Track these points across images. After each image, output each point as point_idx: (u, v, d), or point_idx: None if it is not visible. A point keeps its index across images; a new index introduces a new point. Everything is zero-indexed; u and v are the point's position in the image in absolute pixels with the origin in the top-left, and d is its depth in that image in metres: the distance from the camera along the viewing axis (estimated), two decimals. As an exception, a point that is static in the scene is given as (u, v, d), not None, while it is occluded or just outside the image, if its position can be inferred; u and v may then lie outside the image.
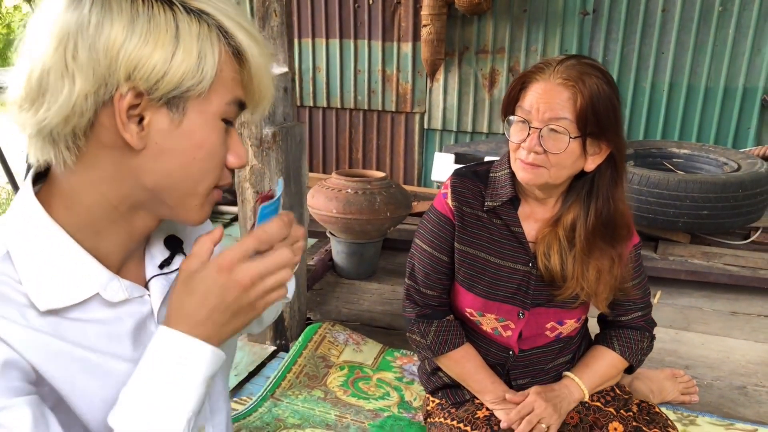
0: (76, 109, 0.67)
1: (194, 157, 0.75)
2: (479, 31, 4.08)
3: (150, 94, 0.69)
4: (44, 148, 0.71)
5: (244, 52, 0.74)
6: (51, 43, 0.67)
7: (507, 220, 1.49)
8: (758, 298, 2.99)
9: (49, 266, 0.74)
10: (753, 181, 2.92)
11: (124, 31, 0.66)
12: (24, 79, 0.69)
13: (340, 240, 3.08)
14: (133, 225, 0.79)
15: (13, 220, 0.76)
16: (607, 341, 1.60)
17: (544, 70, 1.33)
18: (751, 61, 3.67)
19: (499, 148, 3.84)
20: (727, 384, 2.29)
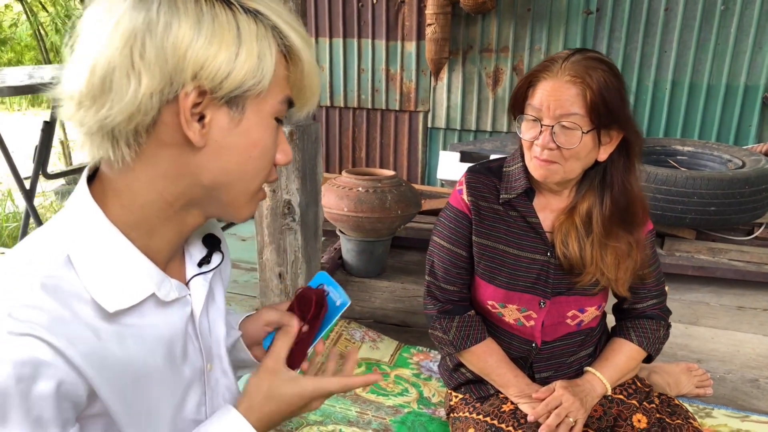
0: (141, 107, 0.68)
1: (250, 155, 0.77)
2: (483, 30, 4.09)
3: (213, 93, 0.70)
4: (103, 145, 0.72)
5: (297, 51, 0.76)
6: (117, 41, 0.67)
7: (523, 211, 1.51)
8: (763, 292, 3.02)
9: (108, 268, 0.74)
10: (759, 177, 2.94)
11: (191, 31, 0.67)
12: (85, 76, 0.69)
13: (350, 238, 3.08)
14: (184, 223, 0.81)
15: (71, 221, 0.76)
16: (624, 333, 1.62)
17: (551, 67, 1.35)
18: (753, 59, 3.70)
19: (504, 146, 3.85)
20: (739, 377, 2.31)
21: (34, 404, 0.66)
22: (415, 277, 3.14)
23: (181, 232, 0.82)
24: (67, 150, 6.20)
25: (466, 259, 1.59)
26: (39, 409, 0.66)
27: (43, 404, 0.66)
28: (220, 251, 0.92)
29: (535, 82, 1.37)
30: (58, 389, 0.67)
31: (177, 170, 0.75)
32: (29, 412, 0.66)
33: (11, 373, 0.64)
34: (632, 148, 1.42)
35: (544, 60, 1.39)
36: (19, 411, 0.66)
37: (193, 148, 0.73)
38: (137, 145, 0.72)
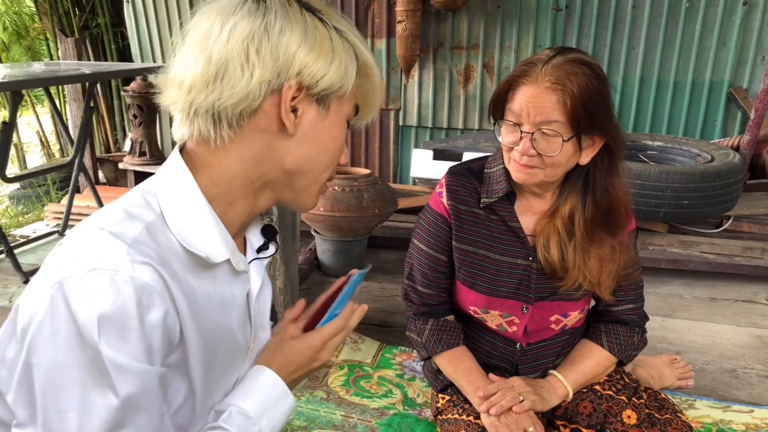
0: (251, 94, 0.80)
1: (328, 147, 0.91)
2: (454, 27, 4.07)
3: (310, 89, 0.84)
4: (206, 125, 0.83)
5: (369, 68, 0.91)
6: (236, 39, 0.80)
7: (504, 215, 1.48)
8: (733, 284, 3.08)
9: (195, 229, 0.85)
10: (729, 171, 2.99)
11: (300, 37, 0.82)
12: (201, 65, 0.81)
13: (326, 238, 3.02)
14: (257, 202, 0.92)
15: (166, 184, 0.86)
16: (596, 336, 1.59)
17: (531, 72, 1.31)
18: (717, 55, 3.76)
19: (477, 143, 3.85)
20: (717, 368, 2.34)
21: (148, 331, 0.75)
22: (392, 276, 3.10)
23: (252, 211, 0.92)
24: (22, 153, 5.97)
25: (445, 264, 1.56)
26: (151, 337, 0.75)
27: (154, 333, 0.76)
28: (276, 242, 1.03)
29: (515, 86, 1.34)
30: (164, 320, 0.76)
31: (266, 153, 0.86)
32: (144, 338, 0.74)
33: (133, 296, 0.73)
34: (615, 151, 1.39)
35: (523, 62, 1.35)
36: (137, 334, 0.74)
37: (283, 135, 0.86)
38: (238, 127, 0.83)
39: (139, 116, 4.23)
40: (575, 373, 1.55)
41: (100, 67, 3.52)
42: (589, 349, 1.58)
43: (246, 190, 0.89)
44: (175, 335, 0.80)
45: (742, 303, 2.91)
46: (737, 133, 3.82)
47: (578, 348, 1.61)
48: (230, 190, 0.88)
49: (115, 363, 0.73)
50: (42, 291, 0.75)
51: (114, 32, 5.04)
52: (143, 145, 4.32)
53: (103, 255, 0.75)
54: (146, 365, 0.76)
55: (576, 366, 1.56)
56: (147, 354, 0.76)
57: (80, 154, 3.50)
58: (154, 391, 0.78)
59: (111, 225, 0.80)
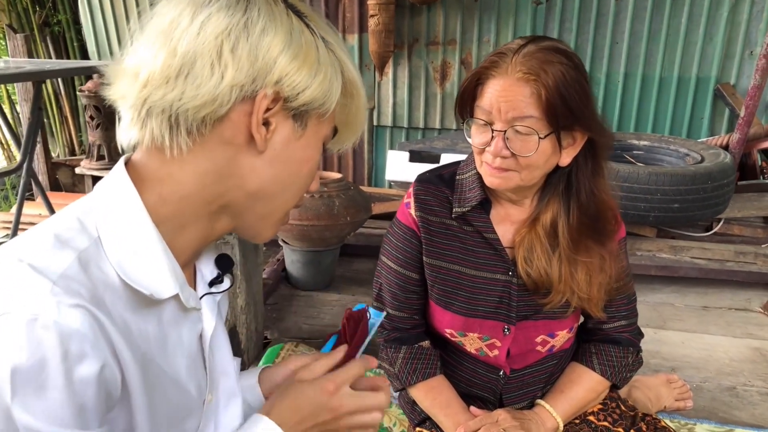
0: (218, 99, 0.71)
1: (300, 171, 0.82)
2: (429, 22, 3.93)
3: (288, 102, 0.76)
4: (161, 129, 0.73)
5: (354, 86, 0.83)
6: (209, 32, 0.71)
7: (479, 226, 1.36)
8: (726, 290, 3.00)
9: (137, 258, 0.74)
10: (720, 171, 2.92)
11: (283, 41, 0.73)
12: (162, 57, 0.71)
13: (294, 248, 2.85)
14: (213, 227, 0.82)
15: (105, 203, 0.76)
16: (586, 359, 1.47)
17: (500, 63, 1.20)
18: (704, 50, 3.70)
19: (455, 144, 3.73)
20: (716, 385, 2.25)
21: (78, 389, 0.64)
22: (367, 287, 2.97)
23: (206, 237, 0.82)
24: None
25: (417, 282, 1.44)
26: (82, 395, 0.65)
27: (86, 391, 0.65)
28: (232, 274, 0.93)
29: (483, 80, 1.23)
30: (101, 374, 0.66)
31: (228, 169, 0.77)
32: (72, 397, 0.64)
33: (57, 346, 0.63)
34: (599, 150, 1.28)
35: (493, 53, 1.24)
36: (62, 393, 0.63)
37: (250, 151, 0.77)
38: (198, 135, 0.74)
39: (96, 117, 4.07)
40: (565, 401, 1.43)
41: (46, 65, 3.29)
42: (579, 373, 1.46)
43: (201, 212, 0.79)
44: (116, 388, 0.70)
45: (736, 311, 2.83)
46: (725, 131, 3.78)
47: (567, 373, 1.49)
48: (182, 210, 0.78)
49: (31, 430, 0.62)
50: None
51: (76, 29, 4.86)
52: (101, 148, 4.15)
53: (19, 295, 0.64)
54: (75, 430, 0.65)
55: (565, 394, 1.44)
56: (77, 416, 0.65)
57: (29, 158, 3.28)
58: None
59: (34, 256, 0.68)
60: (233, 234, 2.07)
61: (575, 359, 1.49)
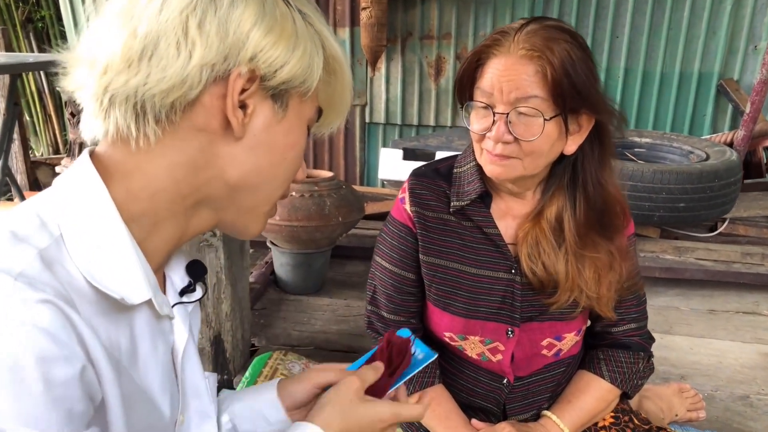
0: (187, 80, 0.67)
1: (284, 158, 0.77)
2: (423, 15, 3.95)
3: (265, 80, 0.70)
4: (125, 118, 0.68)
5: (338, 61, 0.78)
6: (172, 8, 0.66)
7: (479, 220, 1.31)
8: (732, 293, 2.91)
9: (106, 259, 0.68)
10: (728, 170, 2.86)
11: (255, 13, 0.68)
12: (122, 39, 0.66)
13: (284, 251, 2.75)
14: (189, 224, 0.77)
15: (68, 198, 0.70)
16: (594, 366, 1.40)
17: (502, 41, 1.16)
18: (706, 45, 3.70)
19: (450, 141, 3.68)
20: (728, 394, 2.16)
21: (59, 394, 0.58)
22: (359, 291, 2.88)
23: (181, 236, 0.77)
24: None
25: (414, 283, 1.40)
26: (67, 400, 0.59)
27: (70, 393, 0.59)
28: (204, 283, 0.88)
29: (484, 60, 1.18)
30: (82, 376, 0.61)
31: (204, 159, 0.72)
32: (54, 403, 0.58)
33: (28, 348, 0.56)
34: (606, 137, 1.24)
35: (494, 31, 1.21)
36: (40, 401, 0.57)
37: (227, 138, 0.72)
38: (168, 124, 0.69)
39: (77, 114, 3.91)
40: (573, 412, 1.36)
41: (19, 58, 3.16)
42: (588, 381, 1.40)
43: (175, 208, 0.73)
44: (96, 394, 0.64)
45: (744, 315, 2.74)
46: (728, 128, 3.77)
47: (575, 381, 1.42)
48: (154, 207, 0.72)
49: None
50: None
51: (60, 25, 4.82)
52: (83, 146, 3.93)
53: None
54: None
55: (573, 404, 1.37)
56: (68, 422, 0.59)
57: (5, 156, 3.20)
58: None
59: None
60: (217, 235, 1.96)
61: (583, 366, 1.43)
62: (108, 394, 0.66)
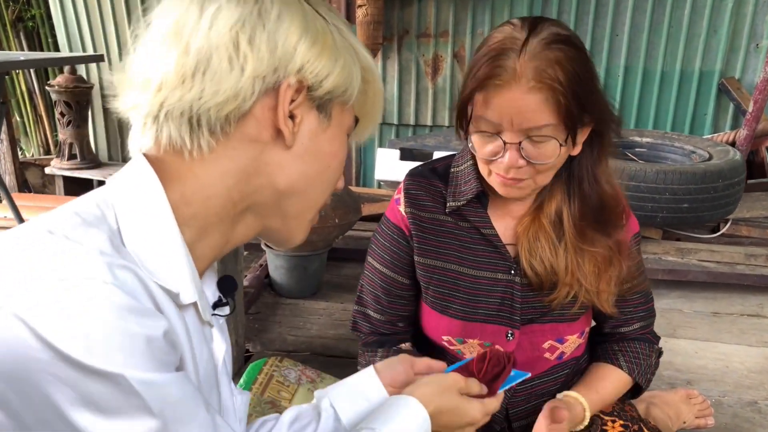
0: (241, 93, 0.70)
1: (329, 165, 0.80)
2: (420, 13, 3.90)
3: (312, 91, 0.74)
4: (180, 131, 0.71)
5: (369, 72, 0.81)
6: (221, 25, 0.69)
7: (475, 221, 1.29)
8: (735, 295, 2.87)
9: (159, 256, 0.70)
10: (732, 170, 2.81)
11: (300, 27, 0.72)
12: (175, 57, 0.69)
13: (278, 253, 2.69)
14: (234, 231, 0.79)
15: (127, 195, 0.72)
16: (610, 357, 1.39)
17: (503, 70, 1.08)
18: (707, 43, 3.67)
19: (448, 141, 3.64)
20: (736, 400, 2.12)
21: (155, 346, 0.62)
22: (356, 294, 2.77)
23: (226, 244, 0.79)
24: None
25: (405, 287, 1.38)
26: (159, 351, 0.62)
27: (160, 346, 0.62)
28: (233, 299, 0.90)
29: (485, 90, 1.11)
30: (166, 336, 0.64)
31: (255, 168, 0.75)
32: (153, 353, 0.61)
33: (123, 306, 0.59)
34: (606, 136, 1.22)
35: (486, 52, 1.12)
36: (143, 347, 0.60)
37: (277, 147, 0.75)
38: (222, 134, 0.72)
39: (67, 114, 3.93)
40: (593, 394, 1.32)
41: (8, 57, 3.08)
42: (606, 370, 1.37)
43: (225, 214, 0.76)
44: (177, 355, 0.68)
45: (748, 318, 2.70)
46: (729, 127, 3.75)
47: (591, 370, 1.39)
48: (206, 212, 0.74)
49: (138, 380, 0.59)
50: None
51: (50, 25, 4.77)
52: (73, 146, 4.00)
53: (67, 262, 0.60)
54: (168, 373, 0.64)
55: (592, 387, 1.34)
56: (163, 365, 0.63)
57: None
58: (193, 394, 0.67)
59: (65, 228, 0.65)
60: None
61: (598, 360, 1.41)
62: (185, 361, 0.70)
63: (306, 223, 0.84)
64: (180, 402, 0.64)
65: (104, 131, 4.39)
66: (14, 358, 0.56)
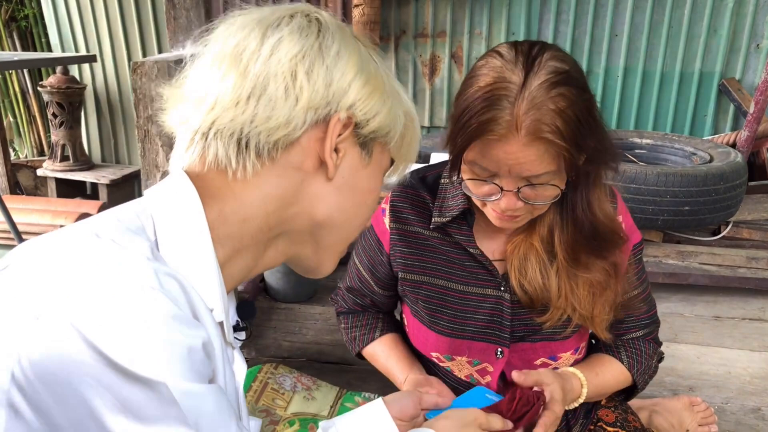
0: (292, 122, 0.71)
1: (365, 201, 0.83)
2: (417, 13, 3.87)
3: (359, 128, 0.76)
4: (228, 150, 0.72)
5: (410, 117, 0.84)
6: (282, 55, 0.71)
7: (460, 239, 1.23)
8: (737, 298, 2.83)
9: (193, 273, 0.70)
10: (733, 172, 2.76)
11: (356, 66, 0.74)
12: (233, 79, 0.71)
13: None
14: (264, 256, 0.80)
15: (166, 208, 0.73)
16: (612, 350, 1.35)
17: (495, 127, 1.00)
18: (708, 43, 3.63)
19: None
20: (739, 407, 2.08)
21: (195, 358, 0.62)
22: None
23: (254, 267, 0.80)
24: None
25: (379, 296, 1.41)
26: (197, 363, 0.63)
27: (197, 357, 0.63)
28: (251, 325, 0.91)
29: (476, 139, 1.04)
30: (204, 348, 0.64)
31: (295, 195, 0.76)
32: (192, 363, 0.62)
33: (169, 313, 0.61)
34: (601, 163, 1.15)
35: (478, 99, 1.02)
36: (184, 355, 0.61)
37: (318, 178, 0.77)
38: (269, 159, 0.73)
39: (59, 115, 3.90)
40: (591, 375, 1.28)
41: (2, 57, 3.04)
42: (607, 359, 1.34)
43: (260, 237, 0.77)
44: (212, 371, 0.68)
45: (750, 322, 2.66)
46: (729, 128, 3.71)
47: (592, 357, 1.36)
48: (241, 233, 0.75)
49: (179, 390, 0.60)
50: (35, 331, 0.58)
51: (44, 25, 4.71)
52: (65, 148, 3.96)
53: (115, 265, 0.62)
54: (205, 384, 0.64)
55: (592, 369, 1.29)
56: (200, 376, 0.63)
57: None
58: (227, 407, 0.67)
59: (112, 233, 0.66)
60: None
61: (598, 351, 1.37)
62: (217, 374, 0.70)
63: (336, 255, 0.85)
64: (214, 414, 0.65)
65: (97, 133, 4.33)
66: (59, 360, 0.56)
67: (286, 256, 0.82)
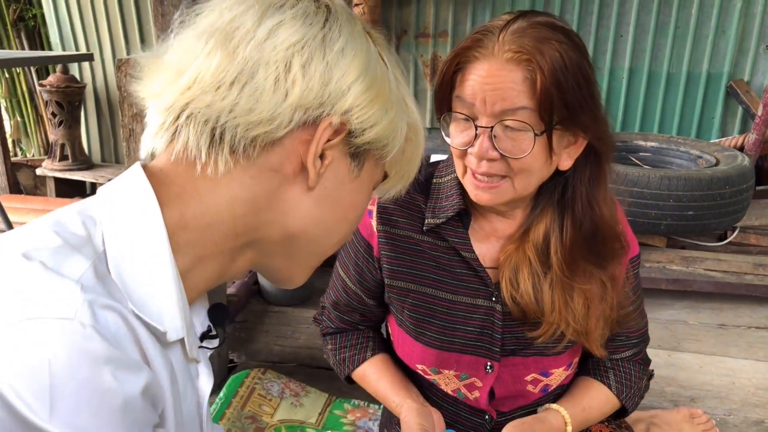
0: (277, 119, 0.64)
1: (347, 216, 0.75)
2: (419, 12, 3.88)
3: (352, 136, 0.69)
4: (199, 140, 0.64)
5: (414, 131, 0.77)
6: (279, 41, 0.64)
7: (454, 242, 1.18)
8: (743, 306, 2.76)
9: (148, 287, 0.63)
10: (740, 175, 2.72)
11: (361, 67, 0.67)
12: (218, 58, 0.64)
13: None
14: (231, 264, 0.72)
15: (116, 212, 0.64)
16: (600, 374, 1.30)
17: (484, 42, 1.01)
18: (715, 44, 3.60)
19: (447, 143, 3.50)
20: (743, 419, 2.01)
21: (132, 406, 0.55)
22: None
23: (220, 276, 0.72)
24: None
25: (368, 306, 1.32)
26: (136, 412, 0.56)
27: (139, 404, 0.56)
28: (224, 330, 0.82)
29: (464, 64, 1.04)
30: (146, 390, 0.57)
31: (268, 201, 0.68)
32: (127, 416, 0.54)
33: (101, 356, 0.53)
34: (602, 155, 1.10)
35: (475, 29, 1.06)
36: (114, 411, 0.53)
37: (297, 185, 0.69)
38: (244, 157, 0.65)
39: (59, 114, 3.93)
40: (577, 408, 1.23)
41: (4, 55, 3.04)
42: (594, 386, 1.28)
43: (225, 245, 0.69)
44: (158, 407, 0.61)
45: (756, 330, 2.59)
46: (737, 131, 3.66)
47: (579, 383, 1.30)
48: (205, 240, 0.68)
49: None
50: None
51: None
52: (65, 147, 3.95)
53: (42, 295, 0.53)
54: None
55: (577, 401, 1.25)
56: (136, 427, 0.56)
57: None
58: None
59: (42, 253, 0.57)
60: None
61: (587, 373, 1.31)
62: (167, 414, 0.64)
63: (309, 269, 0.79)
64: None
65: (97, 132, 4.33)
66: None
67: (251, 267, 0.75)
